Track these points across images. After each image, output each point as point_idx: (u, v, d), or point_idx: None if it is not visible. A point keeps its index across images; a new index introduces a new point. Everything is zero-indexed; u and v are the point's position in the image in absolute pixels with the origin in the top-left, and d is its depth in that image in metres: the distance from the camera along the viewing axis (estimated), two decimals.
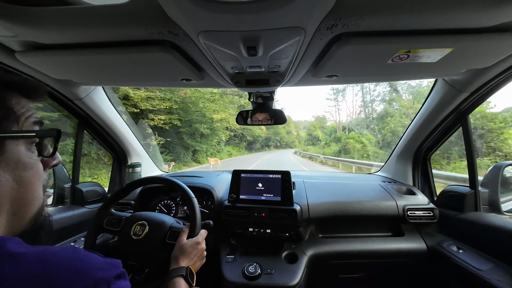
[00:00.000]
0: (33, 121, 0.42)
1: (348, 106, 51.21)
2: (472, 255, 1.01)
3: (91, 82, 1.09)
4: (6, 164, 0.37)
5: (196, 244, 0.81)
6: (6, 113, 0.37)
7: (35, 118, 0.42)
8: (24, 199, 0.39)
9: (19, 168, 0.38)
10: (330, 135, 33.20)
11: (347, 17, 0.56)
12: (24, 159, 0.39)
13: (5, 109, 0.37)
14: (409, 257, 1.20)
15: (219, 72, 0.90)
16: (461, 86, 1.04)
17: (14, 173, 0.37)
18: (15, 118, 0.38)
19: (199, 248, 0.81)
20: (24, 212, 0.40)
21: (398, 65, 0.81)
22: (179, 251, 0.78)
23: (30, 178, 0.40)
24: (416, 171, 1.50)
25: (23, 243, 0.34)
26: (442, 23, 0.59)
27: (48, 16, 0.58)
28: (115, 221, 0.95)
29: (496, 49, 0.71)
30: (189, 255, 0.77)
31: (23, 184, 0.39)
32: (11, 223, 0.38)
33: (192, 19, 0.54)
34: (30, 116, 0.41)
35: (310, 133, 48.59)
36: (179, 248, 0.78)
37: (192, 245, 0.80)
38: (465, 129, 1.16)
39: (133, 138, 1.61)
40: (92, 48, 0.72)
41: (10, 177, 0.37)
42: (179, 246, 0.79)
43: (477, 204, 1.13)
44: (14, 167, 0.38)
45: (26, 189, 0.39)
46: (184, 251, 0.77)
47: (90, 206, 1.30)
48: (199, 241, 0.82)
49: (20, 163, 0.38)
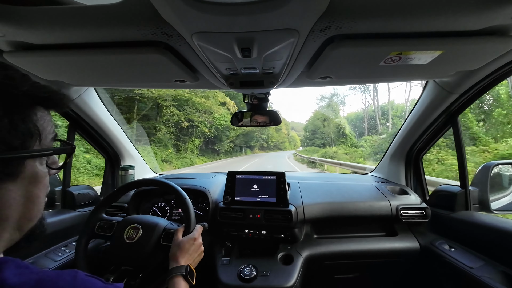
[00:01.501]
0: (51, 137, 0.41)
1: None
2: (464, 253, 1.03)
3: (82, 83, 1.07)
4: (22, 182, 0.36)
5: (193, 240, 0.80)
6: (30, 132, 0.36)
7: (54, 133, 0.42)
8: (30, 215, 0.39)
9: (32, 183, 0.38)
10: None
11: (340, 19, 0.57)
12: (37, 174, 0.39)
13: (30, 127, 0.36)
14: (402, 256, 1.21)
15: (213, 73, 0.90)
16: (451, 88, 1.06)
17: (26, 189, 0.37)
18: (38, 136, 0.37)
19: (196, 244, 0.81)
20: (27, 226, 0.39)
21: (390, 67, 0.82)
22: (177, 248, 0.77)
23: (38, 192, 0.39)
24: (409, 171, 1.52)
25: (22, 266, 0.32)
26: (432, 26, 0.60)
27: (38, 15, 0.56)
28: (107, 226, 0.93)
29: (484, 51, 0.73)
30: (187, 252, 0.77)
31: (32, 199, 0.38)
32: (13, 236, 0.37)
33: (186, 20, 0.53)
34: (50, 131, 0.40)
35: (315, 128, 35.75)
36: (176, 246, 0.78)
37: (189, 241, 0.79)
38: (455, 130, 1.19)
39: (126, 139, 1.58)
40: (84, 49, 0.71)
41: (22, 193, 0.36)
42: (176, 244, 0.78)
43: (468, 203, 1.15)
44: (28, 182, 0.37)
45: (33, 204, 0.39)
46: (181, 248, 0.77)
47: (81, 210, 1.28)
48: (196, 237, 0.82)
49: (33, 179, 0.38)
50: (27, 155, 0.36)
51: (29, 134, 0.36)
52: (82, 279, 0.35)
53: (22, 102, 0.35)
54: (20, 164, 0.35)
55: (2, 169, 0.33)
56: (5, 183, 0.34)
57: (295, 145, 56.58)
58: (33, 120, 0.36)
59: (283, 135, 56.26)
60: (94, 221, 0.95)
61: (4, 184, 0.34)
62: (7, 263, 0.31)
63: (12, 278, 0.30)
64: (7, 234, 0.36)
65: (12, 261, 0.32)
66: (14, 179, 0.35)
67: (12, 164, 0.34)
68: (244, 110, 1.32)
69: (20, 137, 0.34)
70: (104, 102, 1.35)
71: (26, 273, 0.31)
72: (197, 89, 2.05)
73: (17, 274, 0.31)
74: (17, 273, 0.31)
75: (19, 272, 0.31)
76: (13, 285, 0.29)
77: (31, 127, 0.36)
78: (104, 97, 1.34)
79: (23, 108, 0.35)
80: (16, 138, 0.34)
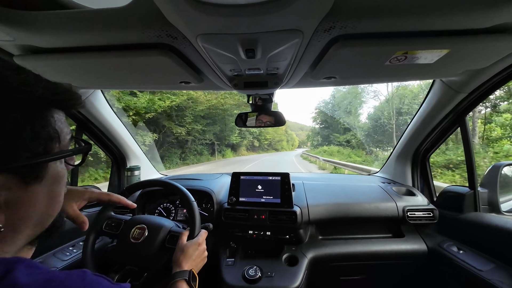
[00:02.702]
0: (69, 138, 0.42)
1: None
2: (473, 256, 1.01)
3: (89, 86, 1.09)
4: (46, 183, 0.37)
5: (197, 245, 0.80)
6: (50, 136, 0.37)
7: (70, 133, 0.42)
8: (51, 212, 0.40)
9: (54, 183, 0.39)
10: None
11: (345, 19, 0.57)
12: (59, 174, 0.40)
13: (50, 131, 0.37)
14: (409, 258, 1.19)
15: (218, 74, 0.90)
16: (459, 87, 1.04)
17: (49, 189, 0.38)
18: (58, 138, 0.38)
19: (200, 249, 0.81)
20: (47, 222, 0.40)
21: (396, 67, 0.81)
22: (181, 253, 0.77)
23: (60, 190, 0.41)
24: (415, 172, 1.50)
25: (32, 265, 0.33)
26: (438, 24, 0.60)
27: (47, 20, 0.58)
28: (114, 224, 0.95)
29: (493, 50, 0.72)
30: (190, 257, 0.77)
31: (54, 198, 0.40)
32: (34, 232, 0.38)
33: (191, 22, 0.54)
34: (67, 132, 0.41)
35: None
36: (180, 250, 0.78)
37: (192, 246, 0.79)
38: (463, 130, 1.17)
39: (132, 141, 1.60)
40: (91, 52, 0.72)
41: (46, 193, 0.38)
42: (180, 248, 0.79)
43: (477, 205, 1.13)
44: (51, 182, 0.38)
45: (55, 202, 0.40)
46: (185, 253, 0.77)
47: (88, 210, 1.30)
48: (200, 242, 0.82)
49: (55, 179, 0.39)
50: (50, 158, 0.37)
51: (50, 138, 0.36)
52: (90, 279, 0.35)
53: (40, 107, 0.36)
54: (44, 168, 0.37)
55: (29, 174, 0.35)
56: (32, 186, 0.35)
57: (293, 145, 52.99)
58: (51, 123, 0.37)
59: (281, 131, 47.68)
60: (102, 218, 0.96)
61: (31, 187, 0.35)
62: (19, 263, 0.32)
63: (23, 277, 0.30)
64: (28, 230, 0.37)
65: (24, 261, 0.33)
66: (40, 181, 0.36)
67: (37, 169, 0.36)
68: (248, 111, 1.32)
69: (42, 143, 0.35)
70: (110, 104, 1.37)
71: (36, 273, 0.32)
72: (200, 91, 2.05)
73: (27, 274, 0.31)
74: (27, 273, 0.31)
75: (29, 272, 0.32)
76: (23, 284, 0.30)
77: (50, 131, 0.37)
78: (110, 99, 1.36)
79: (41, 113, 0.36)
80: (39, 145, 0.35)
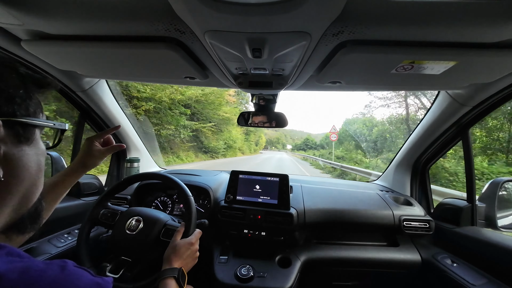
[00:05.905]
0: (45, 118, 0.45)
1: None
2: (466, 270, 1.00)
3: (94, 75, 1.10)
4: (33, 149, 0.40)
5: (189, 244, 0.80)
6: (40, 104, 0.42)
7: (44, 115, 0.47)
8: (37, 184, 0.42)
9: (39, 153, 0.42)
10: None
11: (353, 25, 0.57)
12: (41, 147, 0.43)
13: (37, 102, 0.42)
14: (402, 268, 1.19)
15: (223, 72, 0.90)
16: (463, 100, 1.04)
17: (37, 157, 0.41)
18: (41, 109, 0.42)
19: (192, 249, 0.81)
20: (33, 195, 0.42)
21: (402, 75, 0.81)
22: (172, 251, 0.77)
23: (42, 165, 0.43)
24: (414, 182, 1.49)
25: (12, 253, 0.32)
26: (447, 36, 0.59)
27: (56, 6, 0.58)
28: (110, 215, 0.95)
29: (501, 65, 0.72)
30: (181, 256, 0.77)
31: (40, 169, 0.42)
32: (20, 205, 0.39)
33: (199, 18, 0.54)
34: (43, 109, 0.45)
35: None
36: (172, 248, 0.78)
37: (185, 245, 0.79)
38: (465, 143, 1.16)
39: (133, 133, 1.61)
40: (98, 41, 0.72)
41: (35, 160, 0.40)
42: (173, 246, 0.79)
43: (474, 219, 1.13)
44: (36, 151, 0.41)
45: (40, 174, 0.42)
46: (177, 251, 0.77)
47: (86, 199, 1.30)
48: (193, 242, 0.82)
49: (39, 148, 0.42)
50: (39, 122, 0.40)
51: (39, 105, 0.41)
52: (71, 270, 0.34)
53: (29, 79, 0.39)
54: (32, 132, 0.40)
55: (22, 133, 0.38)
56: (23, 145, 0.38)
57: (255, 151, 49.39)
58: (37, 97, 0.41)
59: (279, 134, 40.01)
60: (99, 208, 0.96)
61: (24, 146, 0.38)
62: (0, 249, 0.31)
63: (0, 265, 0.29)
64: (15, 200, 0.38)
65: (5, 247, 0.32)
66: (29, 144, 0.39)
67: (28, 130, 0.39)
68: (251, 110, 1.32)
69: (33, 106, 0.39)
70: (114, 94, 1.37)
71: (15, 261, 0.31)
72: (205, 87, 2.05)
73: (6, 262, 0.30)
74: (6, 260, 0.30)
75: (8, 260, 0.31)
76: (1, 271, 0.29)
77: (38, 102, 0.41)
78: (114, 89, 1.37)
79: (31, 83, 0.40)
80: (31, 106, 0.39)
